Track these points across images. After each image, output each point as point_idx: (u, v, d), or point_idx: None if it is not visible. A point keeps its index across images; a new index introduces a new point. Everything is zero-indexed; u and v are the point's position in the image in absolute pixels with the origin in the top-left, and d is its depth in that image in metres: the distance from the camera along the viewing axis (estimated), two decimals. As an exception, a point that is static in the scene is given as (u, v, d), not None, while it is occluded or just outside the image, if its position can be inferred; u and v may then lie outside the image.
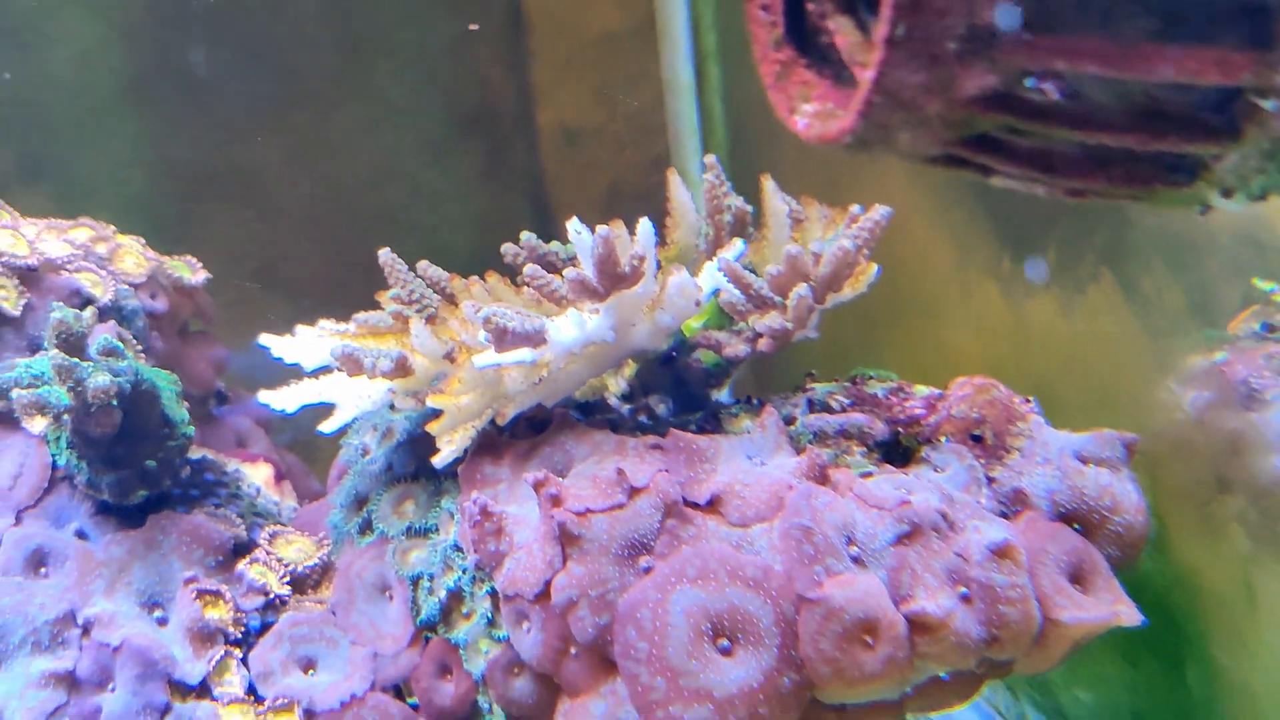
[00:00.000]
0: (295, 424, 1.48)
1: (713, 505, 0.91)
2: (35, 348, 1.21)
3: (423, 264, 1.19)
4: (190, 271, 1.50)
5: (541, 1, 2.25)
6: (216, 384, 1.43)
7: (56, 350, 1.03)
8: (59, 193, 1.88)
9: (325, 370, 1.12)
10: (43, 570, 1.05)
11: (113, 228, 1.48)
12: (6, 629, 0.99)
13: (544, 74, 2.27)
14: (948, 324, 1.31)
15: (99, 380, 1.02)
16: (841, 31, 0.54)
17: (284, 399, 1.10)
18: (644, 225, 0.99)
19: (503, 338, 0.93)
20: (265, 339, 1.13)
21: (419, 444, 1.17)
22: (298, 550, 1.11)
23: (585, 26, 2.29)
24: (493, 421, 1.05)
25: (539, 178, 2.31)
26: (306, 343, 1.12)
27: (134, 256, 1.41)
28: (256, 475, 1.30)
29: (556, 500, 0.91)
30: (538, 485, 0.92)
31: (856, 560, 0.87)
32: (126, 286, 1.34)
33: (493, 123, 2.28)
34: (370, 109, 2.17)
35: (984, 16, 0.48)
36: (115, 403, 1.04)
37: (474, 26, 2.10)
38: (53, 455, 1.12)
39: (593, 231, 0.97)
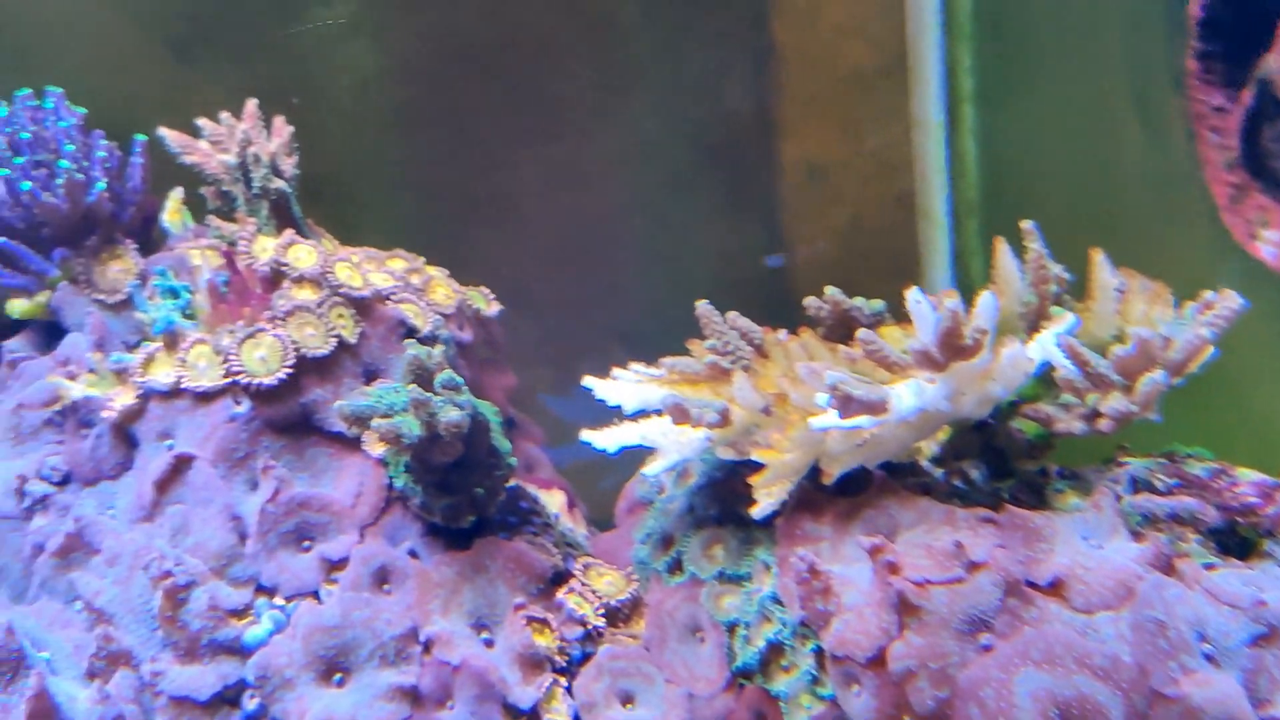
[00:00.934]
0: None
1: (1055, 588, 0.91)
2: (369, 374, 1.30)
3: (732, 314, 1.24)
4: (485, 303, 1.59)
5: (795, 38, 2.27)
6: (509, 411, 1.51)
7: (413, 385, 1.12)
8: (335, 213, 2.01)
9: (644, 414, 1.18)
10: (386, 587, 1.13)
11: (422, 259, 1.58)
12: (358, 642, 1.08)
13: (791, 108, 2.30)
14: (1261, 399, 1.27)
15: (451, 415, 1.09)
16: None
17: (606, 439, 1.16)
18: (986, 300, 1.00)
19: (848, 404, 0.96)
20: (589, 380, 1.19)
21: (719, 488, 1.21)
22: (609, 583, 1.16)
23: (837, 63, 2.30)
24: (809, 477, 1.08)
25: (780, 210, 2.34)
26: (625, 386, 1.18)
27: (444, 288, 1.50)
28: (552, 502, 1.37)
29: (894, 568, 0.93)
30: (874, 551, 0.95)
31: (1210, 659, 0.86)
32: (439, 317, 1.43)
33: (737, 155, 2.32)
34: (623, 141, 2.25)
35: None
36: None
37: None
38: (390, 477, 1.21)
39: (933, 304, 0.99)
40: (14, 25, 2.00)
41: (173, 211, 1.56)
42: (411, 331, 1.36)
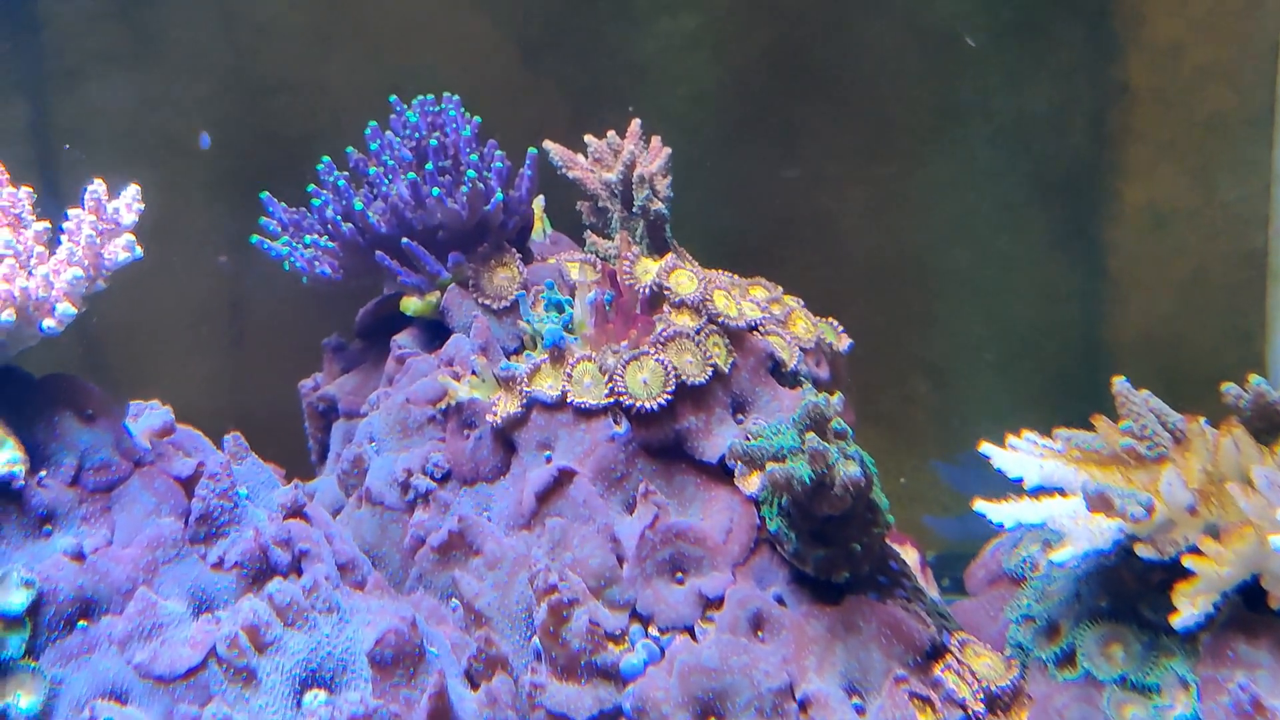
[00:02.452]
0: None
1: None
2: (737, 405, 1.29)
3: (1144, 393, 1.16)
4: (836, 336, 1.55)
5: (1153, 78, 2.13)
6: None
7: (811, 433, 1.10)
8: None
9: (1044, 491, 1.12)
10: (760, 635, 1.12)
11: (780, 287, 1.56)
12: (735, 689, 1.07)
13: (1141, 151, 2.16)
14: None
15: (852, 471, 1.07)
16: None
17: (1002, 513, 1.10)
18: None
19: (1330, 532, 0.87)
20: (986, 448, 1.14)
21: (1108, 576, 1.13)
22: (987, 665, 1.11)
23: (1195, 107, 2.14)
24: (1239, 590, 1.00)
25: (1114, 255, 2.20)
26: (1027, 460, 1.12)
27: (803, 321, 1.48)
28: (906, 559, 1.32)
29: (1370, 719, 0.84)
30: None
31: None
32: (801, 352, 1.40)
33: (1076, 194, 2.20)
34: (955, 169, 2.16)
35: None
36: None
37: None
38: (762, 517, 1.19)
39: None
40: (377, 18, 2.12)
41: (535, 219, 1.61)
42: (778, 365, 1.35)
